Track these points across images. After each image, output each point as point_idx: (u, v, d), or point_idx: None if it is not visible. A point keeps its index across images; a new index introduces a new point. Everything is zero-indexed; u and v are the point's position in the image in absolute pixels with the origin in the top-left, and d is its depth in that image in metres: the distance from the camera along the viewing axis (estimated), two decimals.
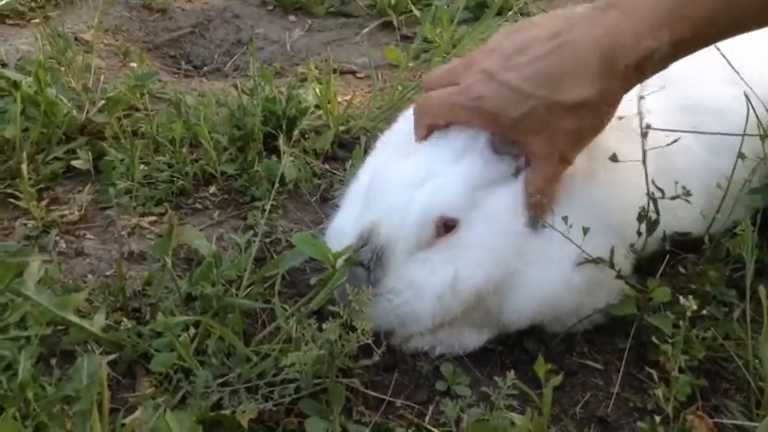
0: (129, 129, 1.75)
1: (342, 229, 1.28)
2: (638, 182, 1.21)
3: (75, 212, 1.63)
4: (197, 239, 1.49)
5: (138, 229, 1.59)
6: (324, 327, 1.10)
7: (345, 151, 1.89)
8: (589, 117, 1.13)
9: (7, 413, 0.97)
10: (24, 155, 1.65)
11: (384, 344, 1.15)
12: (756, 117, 1.32)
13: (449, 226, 1.19)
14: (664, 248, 1.35)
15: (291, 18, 2.94)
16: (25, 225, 1.58)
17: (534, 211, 1.20)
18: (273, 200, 1.61)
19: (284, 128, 1.84)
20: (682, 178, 1.22)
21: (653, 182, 1.21)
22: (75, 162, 1.77)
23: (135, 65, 2.33)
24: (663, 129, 1.22)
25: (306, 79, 2.24)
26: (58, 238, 1.54)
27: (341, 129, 1.96)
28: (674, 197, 1.20)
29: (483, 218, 1.20)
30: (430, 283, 1.18)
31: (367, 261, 1.17)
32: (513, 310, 1.23)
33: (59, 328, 1.23)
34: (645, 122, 1.17)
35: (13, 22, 2.61)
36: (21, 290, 1.10)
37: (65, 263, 1.47)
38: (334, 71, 2.11)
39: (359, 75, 2.47)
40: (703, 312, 1.23)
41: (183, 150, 1.78)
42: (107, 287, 1.36)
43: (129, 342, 1.20)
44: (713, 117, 1.40)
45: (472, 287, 1.19)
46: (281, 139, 1.75)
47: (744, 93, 1.30)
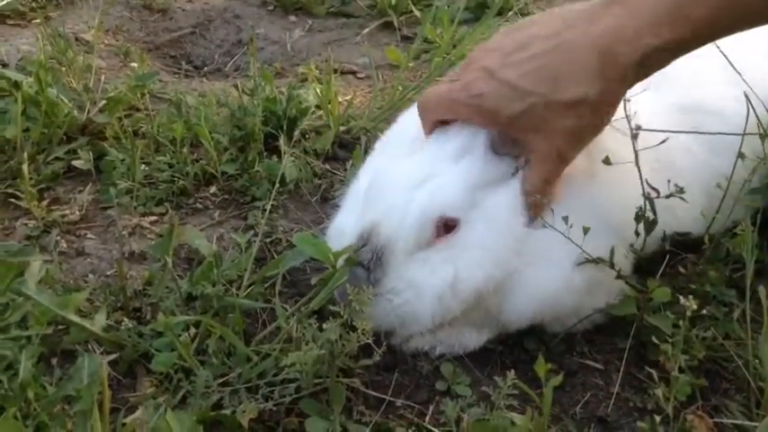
0: (129, 129, 1.75)
1: (342, 229, 1.28)
2: (638, 181, 1.21)
3: (76, 212, 1.63)
4: (198, 239, 1.49)
5: (139, 229, 1.60)
6: (324, 326, 1.11)
7: (346, 151, 1.89)
8: (588, 115, 1.12)
9: (8, 413, 0.97)
10: (25, 155, 1.65)
11: (384, 344, 1.15)
12: (756, 117, 1.32)
13: (449, 226, 1.19)
14: (664, 248, 1.35)
15: (292, 18, 2.94)
16: (26, 225, 1.58)
17: (532, 211, 1.20)
18: (274, 200, 1.61)
19: (285, 128, 1.84)
20: (682, 178, 1.22)
21: (647, 182, 1.21)
22: (75, 162, 1.78)
23: (136, 65, 2.34)
24: (660, 130, 1.22)
25: (306, 79, 2.25)
26: (58, 237, 1.55)
27: (341, 129, 1.96)
28: (669, 195, 1.20)
29: (483, 218, 1.20)
30: (430, 283, 1.18)
31: (367, 261, 1.17)
32: (513, 309, 1.23)
33: (60, 327, 1.23)
34: (634, 123, 1.16)
35: (13, 22, 2.61)
36: (22, 289, 1.11)
37: (66, 263, 1.47)
38: (335, 71, 2.11)
39: (359, 75, 2.47)
40: (703, 312, 1.23)
41: (184, 150, 1.78)
42: (108, 287, 1.36)
43: (130, 342, 1.21)
44: (713, 117, 1.40)
45: (472, 287, 1.19)
46: (281, 140, 1.76)
47: (744, 93, 1.30)
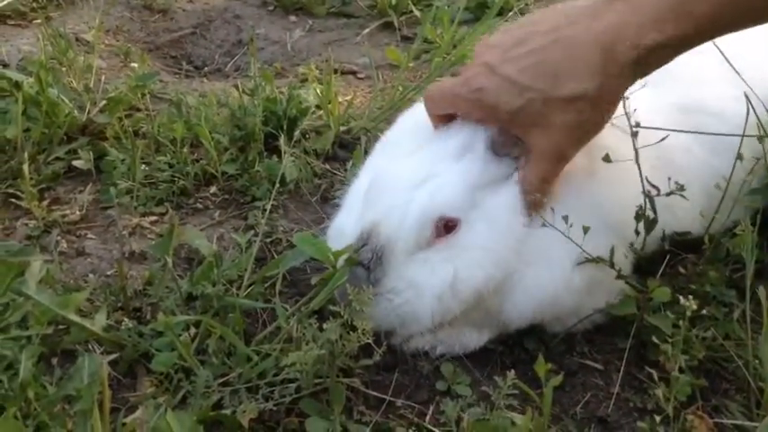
0: (130, 129, 1.75)
1: (342, 229, 1.28)
2: (638, 181, 1.21)
3: (77, 212, 1.63)
4: (198, 239, 1.49)
5: (139, 229, 1.60)
6: (324, 326, 1.11)
7: (346, 151, 1.89)
8: (588, 112, 1.12)
9: (8, 412, 0.97)
10: (26, 155, 1.65)
11: (384, 344, 1.15)
12: (757, 117, 1.32)
13: (449, 226, 1.19)
14: (663, 248, 1.35)
15: (292, 18, 2.94)
16: (26, 225, 1.58)
17: (531, 209, 1.20)
18: (274, 200, 1.61)
19: (285, 128, 1.84)
20: (681, 178, 1.22)
21: (647, 179, 1.21)
22: (76, 162, 1.78)
23: (136, 65, 2.33)
24: (659, 128, 1.22)
25: (306, 79, 2.25)
26: (59, 237, 1.55)
27: (341, 129, 1.96)
28: (669, 193, 1.20)
29: (483, 218, 1.20)
30: (430, 283, 1.18)
31: (367, 261, 1.17)
32: (514, 309, 1.23)
33: (60, 327, 1.23)
34: (634, 121, 1.16)
35: (14, 22, 2.61)
36: (22, 289, 1.11)
37: (66, 262, 1.48)
38: (335, 71, 2.11)
39: (359, 75, 2.47)
40: (703, 312, 1.23)
41: (184, 150, 1.79)
42: (108, 287, 1.36)
43: (130, 342, 1.21)
44: (713, 117, 1.40)
45: (472, 287, 1.19)
46: (281, 140, 1.76)
47: (744, 93, 1.30)
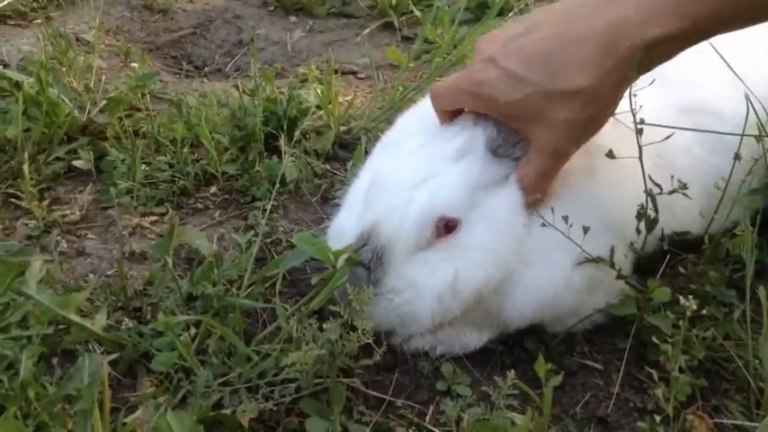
0: (130, 129, 1.75)
1: (342, 229, 1.28)
2: (638, 181, 1.21)
3: (77, 212, 1.63)
4: (198, 239, 1.49)
5: (140, 229, 1.60)
6: (324, 326, 1.11)
7: (346, 151, 1.90)
8: (587, 107, 1.11)
9: (8, 412, 0.98)
10: (26, 155, 1.65)
11: (384, 344, 1.15)
12: (757, 117, 1.32)
13: (449, 226, 1.19)
14: (663, 248, 1.35)
15: (292, 19, 2.94)
16: (27, 225, 1.58)
17: (529, 205, 1.20)
18: (274, 200, 1.61)
19: (285, 128, 1.84)
20: (682, 178, 1.22)
21: (650, 177, 1.21)
22: (76, 162, 1.78)
23: (136, 65, 2.34)
24: (661, 125, 1.22)
25: (307, 80, 2.25)
26: (59, 237, 1.55)
27: (342, 129, 1.96)
28: (671, 192, 1.20)
29: (483, 218, 1.20)
30: (430, 283, 1.18)
31: (367, 261, 1.17)
32: (514, 309, 1.23)
33: (61, 327, 1.23)
34: (639, 118, 1.16)
35: (14, 22, 2.61)
36: (22, 289, 1.11)
37: (66, 262, 1.48)
38: (335, 72, 2.11)
39: (360, 75, 2.47)
40: (703, 312, 1.23)
41: (185, 150, 1.79)
42: (108, 287, 1.36)
43: (130, 341, 1.21)
44: (713, 117, 1.40)
45: (472, 287, 1.19)
46: (281, 140, 1.76)
47: (744, 93, 1.30)
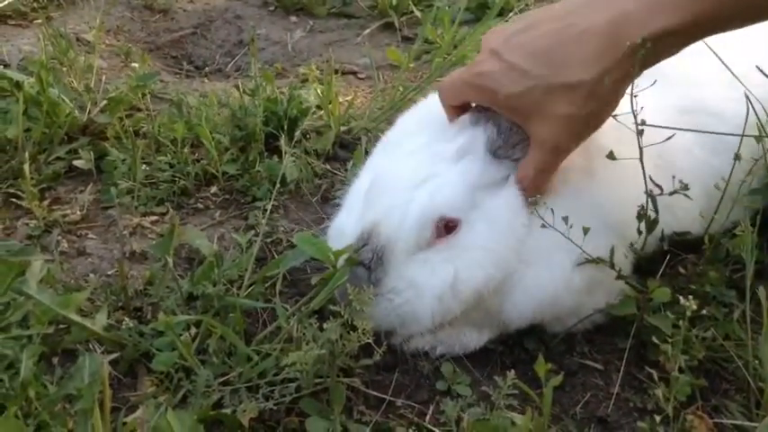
0: (130, 129, 1.75)
1: (342, 229, 1.28)
2: (638, 181, 1.21)
3: (77, 212, 1.64)
4: (198, 239, 1.49)
5: (140, 229, 1.60)
6: (325, 326, 1.11)
7: (346, 151, 1.90)
8: (588, 102, 1.11)
9: (9, 412, 0.98)
10: (26, 155, 1.66)
11: (384, 344, 1.16)
12: (757, 118, 1.32)
13: (450, 226, 1.19)
14: (663, 248, 1.35)
15: (293, 19, 2.94)
16: (27, 225, 1.58)
17: (528, 202, 1.20)
18: (274, 200, 1.61)
19: (285, 128, 1.85)
20: (682, 178, 1.22)
21: (650, 178, 1.21)
22: (77, 162, 1.78)
23: (137, 65, 2.34)
24: (661, 126, 1.22)
25: (307, 80, 2.25)
26: (59, 237, 1.55)
27: (342, 129, 1.96)
28: (673, 192, 1.20)
29: (483, 218, 1.20)
30: (430, 283, 1.18)
31: (368, 261, 1.17)
32: (514, 309, 1.23)
33: (61, 327, 1.23)
34: (640, 119, 1.16)
35: (15, 22, 2.61)
36: (23, 289, 1.11)
37: (67, 262, 1.48)
38: (336, 72, 2.12)
39: (360, 75, 2.47)
40: (703, 313, 1.23)
41: (185, 150, 1.79)
42: (109, 286, 1.36)
43: (131, 341, 1.21)
44: (713, 118, 1.40)
45: (472, 287, 1.19)
46: (282, 140, 1.76)
47: (744, 94, 1.30)
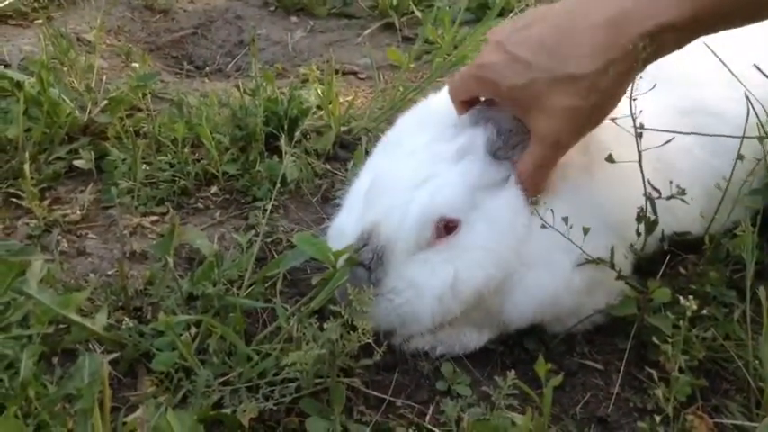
0: (131, 129, 1.76)
1: (342, 229, 1.28)
2: (638, 181, 1.21)
3: (78, 212, 1.64)
4: (198, 239, 1.49)
5: (140, 229, 1.60)
6: (325, 326, 1.11)
7: (347, 152, 1.90)
8: (589, 96, 1.10)
9: (9, 411, 0.98)
10: (27, 155, 1.66)
11: (385, 344, 1.16)
12: (757, 118, 1.32)
13: (450, 227, 1.19)
14: (663, 249, 1.35)
15: (293, 19, 2.94)
16: (27, 224, 1.58)
17: (527, 196, 1.20)
18: (275, 200, 1.61)
19: (286, 128, 1.85)
20: (682, 180, 1.22)
21: (649, 182, 1.21)
22: (77, 162, 1.78)
23: (137, 65, 2.34)
24: (661, 129, 1.22)
25: (307, 80, 2.25)
26: (60, 237, 1.55)
27: (342, 129, 1.96)
28: (670, 197, 1.20)
29: (484, 219, 1.20)
30: (430, 283, 1.19)
31: (368, 261, 1.17)
32: (514, 309, 1.23)
33: (61, 326, 1.23)
34: (639, 122, 1.16)
35: (15, 22, 2.61)
36: (23, 289, 1.11)
37: (67, 262, 1.48)
38: (336, 72, 2.12)
39: (360, 76, 2.47)
40: (703, 313, 1.23)
41: (185, 150, 1.79)
42: (109, 286, 1.36)
43: (131, 341, 1.21)
44: (713, 118, 1.40)
45: (472, 288, 1.19)
46: (282, 140, 1.76)
47: (744, 94, 1.30)
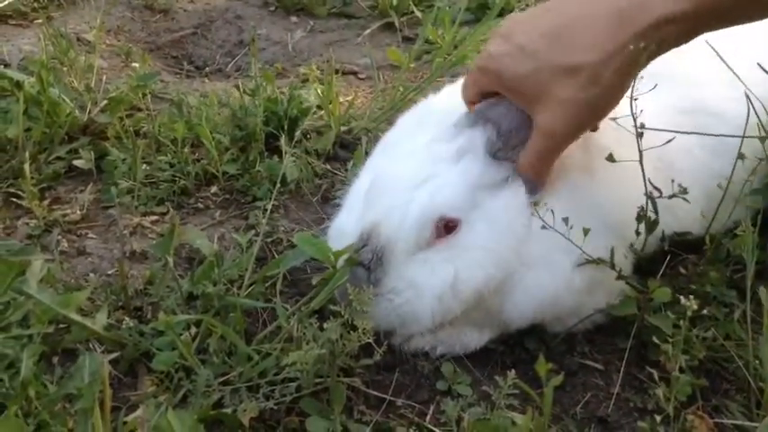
0: (131, 129, 1.76)
1: (343, 229, 1.28)
2: (638, 181, 1.21)
3: (78, 212, 1.64)
4: (198, 239, 1.49)
5: (140, 229, 1.60)
6: (325, 326, 1.11)
7: (347, 151, 1.90)
8: (591, 86, 1.10)
9: (9, 411, 0.98)
10: (27, 154, 1.66)
11: (385, 343, 1.16)
12: (758, 118, 1.32)
13: (450, 227, 1.19)
14: (663, 249, 1.35)
15: (293, 19, 2.94)
16: (27, 224, 1.58)
17: (528, 190, 1.20)
18: (275, 200, 1.61)
19: (286, 128, 1.85)
20: (683, 180, 1.22)
21: (650, 181, 1.21)
22: (77, 162, 1.78)
23: (137, 65, 2.34)
24: (661, 129, 1.22)
25: (307, 80, 2.25)
26: (60, 237, 1.55)
27: (342, 129, 1.96)
28: (672, 196, 1.20)
29: (484, 218, 1.20)
30: (430, 283, 1.18)
31: (368, 261, 1.17)
32: (514, 309, 1.23)
33: (61, 326, 1.23)
34: (639, 122, 1.16)
35: (15, 22, 2.61)
36: (23, 288, 1.11)
37: (67, 262, 1.48)
38: (336, 72, 2.12)
39: (360, 75, 2.47)
40: (704, 313, 1.23)
41: (185, 150, 1.79)
42: (109, 286, 1.36)
43: (131, 341, 1.21)
44: (714, 118, 1.40)
45: (472, 287, 1.19)
46: (282, 140, 1.76)
47: (744, 94, 1.30)
